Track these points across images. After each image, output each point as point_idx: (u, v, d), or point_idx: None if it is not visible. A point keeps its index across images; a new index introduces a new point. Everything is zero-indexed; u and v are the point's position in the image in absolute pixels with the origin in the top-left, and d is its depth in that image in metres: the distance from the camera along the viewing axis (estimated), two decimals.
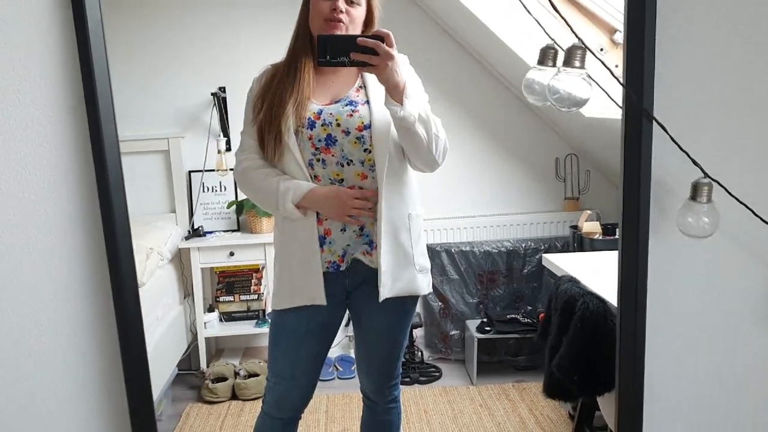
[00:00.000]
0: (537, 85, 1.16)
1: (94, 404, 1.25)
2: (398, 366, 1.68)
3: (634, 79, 1.10)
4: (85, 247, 1.19)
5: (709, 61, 1.17)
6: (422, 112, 1.41)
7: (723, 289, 1.22)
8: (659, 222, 1.18)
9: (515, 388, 2.72)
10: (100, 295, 1.21)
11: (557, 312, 1.84)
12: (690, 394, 1.28)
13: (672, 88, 1.15)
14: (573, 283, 1.85)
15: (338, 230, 1.50)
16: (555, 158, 2.98)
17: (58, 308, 1.21)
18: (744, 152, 1.19)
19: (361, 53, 1.30)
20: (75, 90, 1.14)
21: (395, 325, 1.62)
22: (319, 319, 1.55)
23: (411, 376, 2.82)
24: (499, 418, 2.49)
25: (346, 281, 1.55)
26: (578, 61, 1.07)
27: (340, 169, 1.48)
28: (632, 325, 1.16)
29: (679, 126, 1.13)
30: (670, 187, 1.15)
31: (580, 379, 1.73)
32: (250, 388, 2.69)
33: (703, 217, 1.08)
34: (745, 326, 1.24)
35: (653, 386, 1.26)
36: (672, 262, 1.20)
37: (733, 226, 1.19)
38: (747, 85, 1.18)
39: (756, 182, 1.19)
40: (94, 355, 1.23)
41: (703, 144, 1.15)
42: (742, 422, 1.31)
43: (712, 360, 1.27)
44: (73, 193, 1.17)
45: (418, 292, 1.57)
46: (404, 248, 1.52)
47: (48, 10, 1.12)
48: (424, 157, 1.47)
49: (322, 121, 1.47)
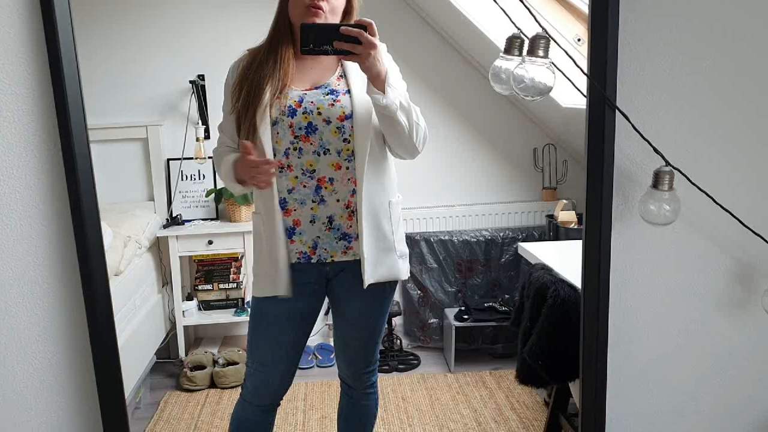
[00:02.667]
0: (503, 74, 1.18)
1: (64, 391, 1.27)
2: (376, 352, 1.72)
3: (597, 69, 1.12)
4: (55, 230, 1.20)
5: (671, 52, 1.20)
6: (403, 100, 1.43)
7: (684, 275, 1.26)
8: (623, 209, 1.21)
9: (492, 376, 2.76)
10: (69, 279, 1.22)
11: (529, 299, 1.87)
12: (653, 376, 1.32)
13: (635, 78, 1.18)
14: (545, 271, 1.88)
15: (307, 221, 1.53)
16: (533, 148, 3.01)
17: (28, 293, 1.22)
18: (705, 141, 1.22)
19: (345, 42, 1.32)
20: (41, 72, 1.14)
21: (374, 310, 1.65)
22: (298, 306, 1.58)
23: (390, 364, 2.85)
24: (476, 405, 2.53)
25: (326, 269, 1.58)
26: (542, 50, 1.09)
27: (315, 158, 1.50)
28: (595, 310, 1.19)
29: (642, 116, 1.17)
30: (633, 175, 1.18)
31: (550, 365, 1.77)
32: (228, 377, 2.71)
33: (665, 205, 1.12)
34: (706, 311, 1.28)
35: (616, 369, 1.29)
36: (635, 249, 1.24)
37: (694, 214, 1.22)
38: (708, 76, 1.21)
39: (717, 171, 1.22)
40: (63, 341, 1.24)
41: (666, 133, 1.18)
42: (704, 402, 1.36)
43: (674, 343, 1.31)
44: (41, 178, 1.18)
45: (399, 277, 1.61)
46: (385, 235, 1.56)
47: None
48: (405, 145, 1.50)
49: (303, 109, 1.49)
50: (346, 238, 1.54)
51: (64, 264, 1.21)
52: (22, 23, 1.12)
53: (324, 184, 1.51)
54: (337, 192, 1.52)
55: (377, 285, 1.57)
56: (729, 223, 1.17)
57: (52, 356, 1.25)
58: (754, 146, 1.23)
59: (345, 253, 1.55)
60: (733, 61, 1.21)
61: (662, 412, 1.35)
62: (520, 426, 2.39)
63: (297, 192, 1.52)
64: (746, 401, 1.35)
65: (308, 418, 2.47)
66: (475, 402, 2.55)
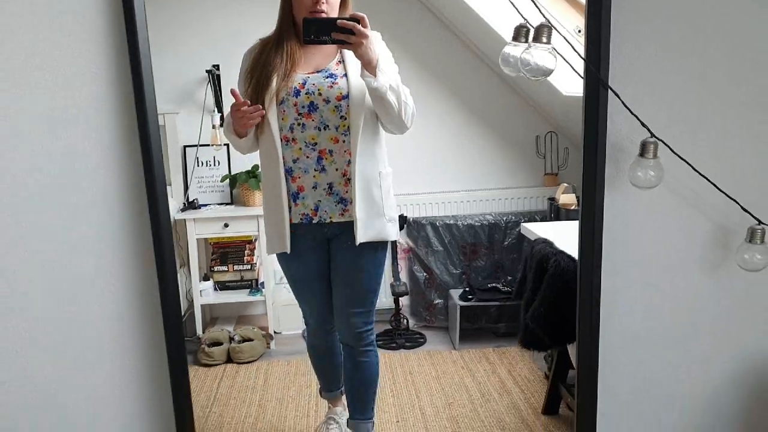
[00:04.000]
0: (511, 58, 1.38)
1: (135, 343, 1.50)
2: (371, 314, 1.99)
3: (593, 53, 1.32)
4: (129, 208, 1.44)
5: (658, 38, 1.41)
6: (393, 82, 1.71)
7: (668, 234, 1.48)
8: (615, 177, 1.41)
9: (495, 352, 2.96)
10: (144, 251, 1.47)
11: (532, 270, 2.07)
12: (641, 327, 1.53)
13: (626, 62, 1.40)
14: (547, 244, 2.08)
15: (310, 187, 1.84)
16: (535, 136, 3.21)
17: (105, 253, 1.47)
18: (687, 117, 1.44)
19: (341, 33, 1.59)
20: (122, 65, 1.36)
21: (367, 267, 1.93)
22: (309, 264, 1.94)
23: (397, 342, 3.04)
24: (480, 378, 2.73)
25: (325, 230, 1.89)
26: (545, 37, 1.29)
27: (316, 133, 1.79)
28: (590, 265, 1.39)
29: (632, 95, 1.37)
30: (624, 146, 1.39)
31: (551, 329, 1.97)
32: (244, 352, 2.90)
33: (650, 171, 1.32)
34: (687, 267, 1.49)
35: (609, 319, 1.50)
36: (625, 212, 1.45)
37: (677, 182, 1.43)
38: (691, 60, 1.42)
39: (698, 142, 1.43)
40: (138, 302, 1.49)
41: (652, 110, 1.39)
42: (687, 351, 1.57)
43: (659, 297, 1.51)
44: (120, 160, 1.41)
45: (387, 238, 1.91)
46: (375, 201, 1.85)
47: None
48: (395, 121, 1.78)
49: (306, 90, 1.78)
50: (343, 202, 1.84)
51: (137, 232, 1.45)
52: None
53: (324, 155, 1.81)
54: (335, 162, 1.81)
55: (369, 245, 1.87)
56: (707, 189, 1.38)
57: (127, 319, 1.50)
58: (732, 120, 1.46)
59: (342, 215, 1.85)
60: (712, 51, 1.43)
61: (650, 362, 1.56)
62: (521, 397, 2.58)
63: (301, 162, 1.81)
64: (725, 351, 1.56)
65: None
66: (479, 376, 2.75)
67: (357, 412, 2.11)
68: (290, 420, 2.47)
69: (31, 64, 1.36)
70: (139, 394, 1.53)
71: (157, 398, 1.54)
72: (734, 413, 1.61)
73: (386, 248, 1.97)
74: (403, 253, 3.17)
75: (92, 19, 1.35)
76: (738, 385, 1.58)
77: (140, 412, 1.55)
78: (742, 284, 1.50)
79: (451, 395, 2.61)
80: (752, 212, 1.37)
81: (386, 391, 2.62)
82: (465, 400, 2.56)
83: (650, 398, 1.60)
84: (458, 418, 2.44)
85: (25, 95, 1.37)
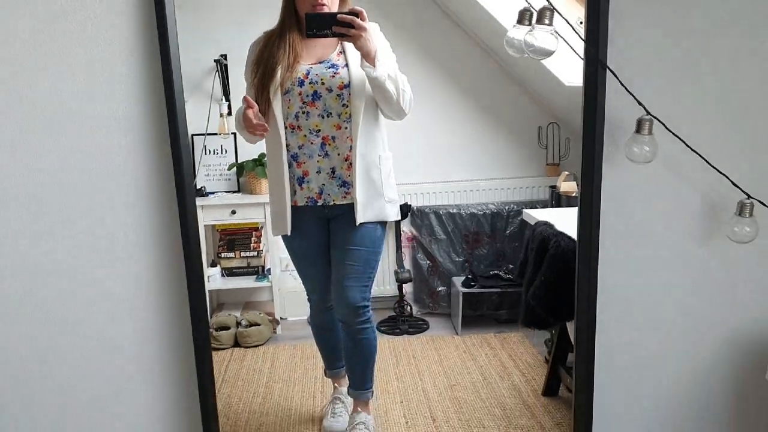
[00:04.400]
0: (516, 41, 1.48)
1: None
2: (367, 289, 2.10)
3: (592, 36, 1.41)
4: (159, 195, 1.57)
5: (655, 22, 1.50)
6: (391, 72, 1.83)
7: (662, 207, 1.57)
8: (613, 152, 1.50)
9: (496, 338, 3.05)
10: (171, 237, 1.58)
11: (533, 251, 2.16)
12: (637, 296, 1.62)
13: (624, 44, 1.49)
14: (548, 226, 2.17)
15: (314, 172, 1.97)
16: (538, 127, 3.30)
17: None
18: (681, 96, 1.54)
19: (341, 27, 1.72)
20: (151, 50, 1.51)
21: (365, 245, 2.04)
22: (311, 243, 2.08)
23: (400, 328, 3.13)
24: (482, 362, 2.81)
25: (326, 212, 2.01)
26: (547, 19, 1.38)
27: (320, 120, 1.91)
28: (588, 236, 1.48)
29: (629, 75, 1.46)
30: (621, 123, 1.48)
31: (551, 307, 2.05)
32: (251, 336, 2.98)
33: (645, 147, 1.41)
34: (680, 239, 1.58)
35: (606, 287, 1.59)
36: (621, 186, 1.54)
37: (670, 158, 1.53)
38: (686, 41, 1.52)
39: (690, 120, 1.53)
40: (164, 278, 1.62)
41: (648, 89, 1.47)
42: (680, 319, 1.67)
43: (653, 267, 1.61)
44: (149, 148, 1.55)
45: (387, 219, 2.04)
46: (375, 183, 1.97)
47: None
48: (394, 108, 1.90)
49: (309, 80, 1.91)
50: (345, 185, 1.97)
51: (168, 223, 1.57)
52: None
53: (328, 141, 1.93)
54: (338, 147, 1.94)
55: (370, 224, 2.00)
56: (700, 164, 1.47)
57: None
58: (723, 99, 1.55)
59: (344, 198, 1.98)
60: (705, 34, 1.52)
61: (644, 327, 1.65)
62: (522, 380, 2.67)
63: (306, 148, 1.94)
64: (717, 318, 1.65)
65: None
66: (480, 360, 2.83)
67: (357, 383, 2.24)
68: (296, 400, 2.55)
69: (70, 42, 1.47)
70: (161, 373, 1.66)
71: (181, 378, 1.67)
72: (727, 381, 1.70)
73: (385, 228, 2.09)
74: (407, 242, 3.26)
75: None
76: (730, 353, 1.67)
77: (163, 389, 1.67)
78: (732, 255, 1.59)
79: (453, 378, 2.69)
80: (742, 187, 1.46)
81: (390, 374, 2.71)
82: (467, 383, 2.65)
83: (646, 367, 1.69)
84: (460, 399, 2.53)
85: (66, 73, 1.49)
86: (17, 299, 1.57)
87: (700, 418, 1.73)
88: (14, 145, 1.51)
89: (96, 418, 1.65)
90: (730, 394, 1.71)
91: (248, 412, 2.49)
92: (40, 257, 1.56)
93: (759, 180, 1.50)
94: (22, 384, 1.60)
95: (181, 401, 1.67)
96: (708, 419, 1.73)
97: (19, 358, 1.60)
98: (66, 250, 1.57)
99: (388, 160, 2.06)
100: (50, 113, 1.51)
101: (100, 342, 1.62)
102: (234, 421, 2.41)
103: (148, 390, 1.66)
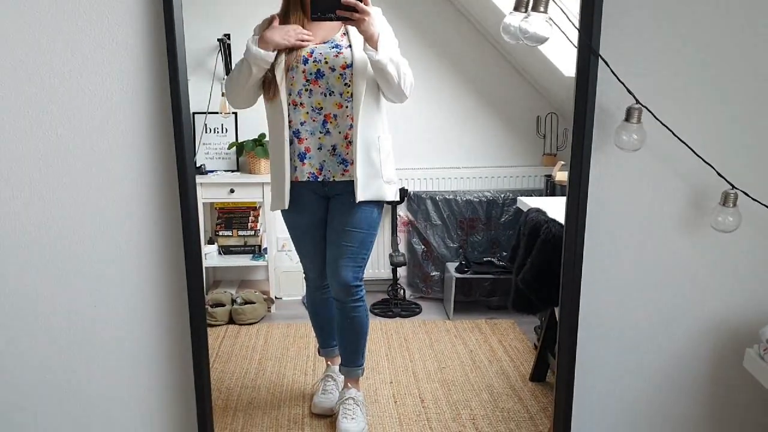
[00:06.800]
0: (512, 27, 1.53)
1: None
2: (361, 269, 2.18)
3: (585, 24, 1.47)
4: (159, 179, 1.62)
5: (648, 13, 1.55)
6: (393, 56, 1.91)
7: (648, 195, 1.63)
8: (602, 140, 1.56)
9: (487, 324, 3.11)
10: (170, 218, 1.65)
11: (524, 237, 2.22)
12: (620, 280, 1.68)
13: (617, 33, 1.54)
14: (539, 212, 2.23)
15: (315, 148, 2.04)
16: (536, 116, 3.35)
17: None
18: (670, 86, 1.58)
19: (345, 10, 1.79)
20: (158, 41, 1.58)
21: (362, 223, 2.12)
22: (312, 219, 2.16)
23: (393, 311, 3.19)
24: (472, 347, 2.88)
25: (326, 189, 2.09)
26: (543, 6, 1.43)
27: (322, 99, 1.99)
28: (575, 221, 1.54)
29: (620, 64, 1.51)
30: (611, 111, 1.54)
31: (541, 291, 2.11)
32: (246, 314, 3.04)
33: (633, 135, 1.47)
34: (664, 226, 1.64)
35: (590, 269, 1.65)
36: (609, 174, 1.60)
37: (658, 147, 1.58)
38: (678, 32, 1.57)
39: (678, 110, 1.58)
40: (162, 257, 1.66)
41: (638, 79, 1.53)
42: (663, 307, 1.73)
43: (638, 255, 1.67)
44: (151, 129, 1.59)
45: (384, 198, 2.12)
46: (374, 163, 2.05)
47: None
48: (395, 90, 1.98)
49: (313, 58, 1.98)
50: (344, 163, 2.05)
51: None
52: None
53: (329, 119, 2.01)
54: (339, 126, 2.01)
55: (366, 207, 2.08)
56: (686, 154, 1.53)
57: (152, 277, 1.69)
58: (711, 90, 1.60)
59: (343, 175, 2.06)
60: (697, 25, 1.57)
61: (626, 312, 1.71)
62: (511, 365, 2.74)
63: (308, 125, 2.02)
64: (698, 304, 1.71)
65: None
66: (470, 344, 2.90)
67: (349, 360, 2.31)
68: (288, 377, 2.62)
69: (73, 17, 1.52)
70: (159, 344, 1.72)
71: (176, 349, 1.73)
72: (706, 366, 1.76)
73: (382, 208, 2.18)
74: (403, 226, 3.31)
75: None
76: (710, 339, 1.73)
77: (159, 363, 1.73)
78: (715, 244, 1.65)
79: (443, 361, 2.76)
80: (726, 177, 1.52)
81: (381, 355, 2.78)
82: (456, 366, 2.72)
83: (627, 350, 1.76)
84: (449, 381, 2.60)
85: (77, 57, 1.54)
86: (14, 273, 1.63)
87: (679, 401, 1.80)
88: (13, 121, 1.55)
89: (87, 387, 1.71)
90: (709, 377, 1.78)
91: (240, 387, 2.55)
92: (37, 230, 1.62)
93: (743, 171, 1.56)
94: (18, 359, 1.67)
95: (174, 375, 1.73)
96: (687, 403, 1.80)
97: (13, 337, 1.67)
98: (65, 222, 1.62)
99: (388, 141, 2.14)
100: (51, 89, 1.56)
101: (97, 311, 1.67)
102: (226, 396, 2.48)
103: (142, 362, 1.72)
